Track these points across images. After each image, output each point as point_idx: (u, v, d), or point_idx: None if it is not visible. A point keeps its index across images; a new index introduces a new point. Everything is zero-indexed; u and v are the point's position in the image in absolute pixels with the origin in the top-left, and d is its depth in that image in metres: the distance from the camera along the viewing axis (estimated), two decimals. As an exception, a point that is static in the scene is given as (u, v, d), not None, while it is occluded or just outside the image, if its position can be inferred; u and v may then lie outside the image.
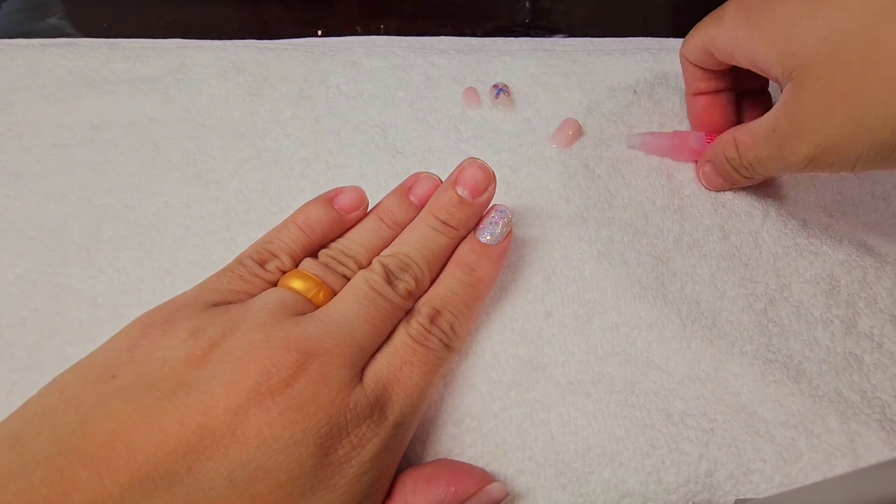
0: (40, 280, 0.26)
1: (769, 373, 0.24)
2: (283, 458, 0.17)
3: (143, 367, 0.18)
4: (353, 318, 0.21)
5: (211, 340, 0.19)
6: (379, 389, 0.20)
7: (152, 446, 0.17)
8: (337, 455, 0.18)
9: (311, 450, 0.18)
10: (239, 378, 0.18)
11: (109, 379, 0.18)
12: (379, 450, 0.19)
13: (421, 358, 0.21)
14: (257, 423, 0.17)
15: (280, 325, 0.20)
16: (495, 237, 0.24)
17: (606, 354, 0.25)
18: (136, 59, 0.35)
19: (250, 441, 0.17)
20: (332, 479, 0.18)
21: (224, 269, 0.23)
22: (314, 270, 0.22)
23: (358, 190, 0.25)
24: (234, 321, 0.20)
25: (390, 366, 0.21)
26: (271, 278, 0.23)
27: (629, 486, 0.22)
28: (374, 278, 0.22)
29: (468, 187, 0.24)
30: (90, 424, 0.17)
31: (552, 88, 0.35)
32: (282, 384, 0.18)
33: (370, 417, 0.19)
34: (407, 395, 0.20)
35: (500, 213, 0.25)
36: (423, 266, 0.23)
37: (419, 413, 0.21)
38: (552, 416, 0.23)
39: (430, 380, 0.21)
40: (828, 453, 0.22)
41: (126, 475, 0.16)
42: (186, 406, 0.17)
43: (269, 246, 0.23)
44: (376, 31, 0.39)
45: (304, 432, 0.18)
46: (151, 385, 0.18)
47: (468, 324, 0.23)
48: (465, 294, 0.23)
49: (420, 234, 0.24)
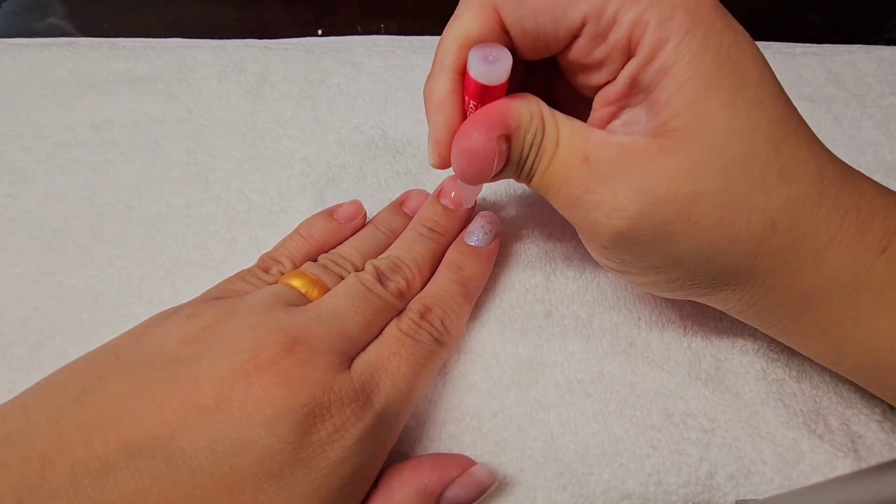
0: (41, 279, 0.26)
1: (770, 372, 0.24)
2: (263, 432, 0.17)
3: (143, 347, 0.20)
4: (344, 310, 0.21)
5: (206, 323, 0.20)
6: (366, 377, 0.20)
7: (140, 414, 0.18)
8: (319, 436, 0.18)
9: (292, 427, 0.18)
10: (227, 355, 0.19)
11: (114, 360, 0.20)
12: (363, 435, 0.19)
13: (410, 350, 0.21)
14: (241, 396, 0.18)
15: (272, 313, 0.21)
16: (482, 240, 0.26)
17: (606, 354, 0.25)
18: (136, 58, 0.35)
19: (233, 414, 0.18)
20: (313, 460, 0.18)
21: (231, 276, 0.24)
22: (311, 270, 0.24)
23: (356, 203, 0.27)
24: (230, 309, 0.21)
25: (379, 355, 0.21)
26: (272, 280, 0.24)
27: (629, 487, 0.22)
28: (366, 277, 0.23)
29: (451, 198, 0.26)
30: (89, 394, 0.18)
31: (553, 88, 0.35)
32: (268, 362, 0.19)
33: (355, 402, 0.19)
34: (394, 385, 0.20)
35: (485, 218, 0.26)
36: (414, 268, 0.24)
37: (408, 405, 0.21)
38: (552, 415, 0.23)
39: (418, 371, 0.21)
40: (829, 454, 0.22)
41: (114, 439, 0.17)
42: (176, 379, 0.18)
43: (272, 254, 0.25)
44: (377, 31, 0.39)
45: (286, 409, 0.18)
46: (148, 362, 0.19)
47: (459, 321, 0.24)
48: (455, 292, 0.24)
49: (409, 240, 0.25)
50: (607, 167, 0.19)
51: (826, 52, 0.38)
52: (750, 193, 0.18)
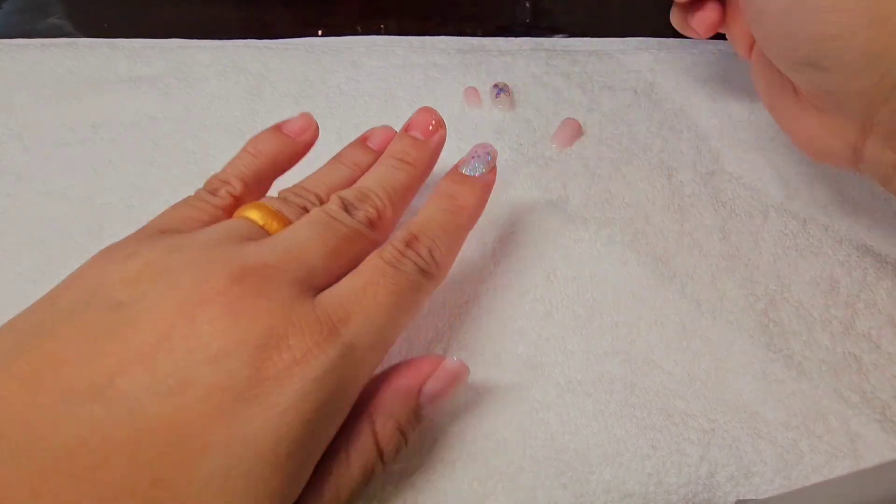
0: (41, 279, 0.26)
1: (770, 372, 0.24)
2: (209, 369, 0.16)
3: (81, 291, 0.18)
4: (304, 240, 0.20)
5: (147, 261, 0.18)
6: (333, 307, 0.18)
7: (80, 362, 0.17)
8: (275, 369, 0.17)
9: (243, 361, 0.16)
10: (170, 292, 0.17)
11: (50, 307, 0.18)
12: (328, 368, 0.17)
13: (390, 279, 0.20)
14: (184, 333, 0.17)
15: (222, 246, 0.19)
16: (478, 169, 0.24)
17: (606, 354, 0.25)
18: (136, 58, 0.35)
19: (175, 352, 0.16)
20: (270, 395, 0.17)
21: (177, 202, 0.22)
22: (271, 203, 0.22)
23: (306, 115, 0.26)
24: (175, 245, 0.19)
25: (352, 286, 0.19)
26: (223, 203, 0.22)
27: (630, 486, 0.22)
28: (330, 208, 0.21)
29: (419, 129, 0.25)
30: (28, 345, 0.17)
31: (552, 88, 0.35)
32: (213, 293, 0.17)
33: (318, 332, 0.18)
34: (368, 315, 0.19)
35: (482, 147, 0.25)
36: (384, 197, 0.22)
37: (384, 338, 0.20)
38: (552, 415, 0.23)
39: (397, 302, 0.20)
40: (829, 454, 0.22)
41: (53, 389, 0.16)
42: (117, 322, 0.17)
43: (220, 174, 0.23)
44: (377, 31, 0.39)
45: (235, 342, 0.17)
46: (87, 305, 0.18)
47: (450, 253, 0.22)
48: (445, 221, 0.22)
49: (378, 173, 0.24)
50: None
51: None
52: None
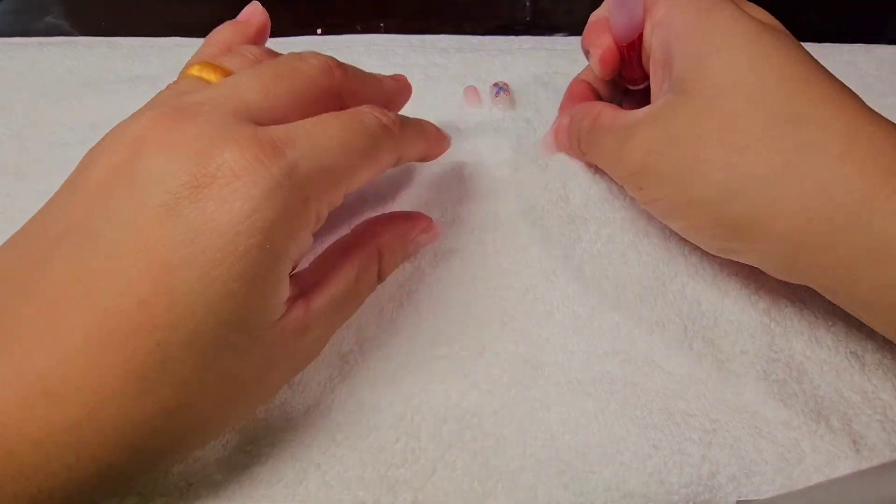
0: (39, 279, 0.26)
1: (771, 373, 0.24)
2: (148, 198, 0.17)
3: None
4: (242, 79, 0.19)
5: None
6: (278, 132, 0.18)
7: (51, 209, 0.19)
8: (213, 189, 0.16)
9: (180, 182, 0.16)
10: (110, 143, 0.18)
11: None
12: (272, 186, 0.17)
13: (345, 122, 0.19)
14: (126, 171, 0.17)
15: (161, 99, 0.20)
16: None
17: (607, 354, 0.24)
18: (135, 57, 0.35)
19: (118, 191, 0.17)
20: (215, 213, 0.16)
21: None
22: (211, 57, 0.22)
23: (254, 2, 0.25)
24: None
25: (304, 122, 0.19)
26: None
27: (631, 486, 0.21)
28: (279, 58, 0.21)
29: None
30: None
31: (553, 87, 0.35)
32: (143, 132, 0.18)
33: (258, 148, 0.17)
34: (315, 143, 0.18)
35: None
36: (335, 61, 0.21)
37: (333, 174, 0.19)
38: (553, 415, 0.23)
39: (350, 140, 0.19)
40: (831, 454, 0.22)
41: (46, 235, 0.18)
42: (75, 175, 0.19)
43: (182, 70, 0.23)
44: (376, 30, 0.39)
45: (170, 172, 0.17)
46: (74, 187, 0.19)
47: (419, 131, 0.24)
48: (414, 119, 0.24)
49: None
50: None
51: (826, 51, 0.38)
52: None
